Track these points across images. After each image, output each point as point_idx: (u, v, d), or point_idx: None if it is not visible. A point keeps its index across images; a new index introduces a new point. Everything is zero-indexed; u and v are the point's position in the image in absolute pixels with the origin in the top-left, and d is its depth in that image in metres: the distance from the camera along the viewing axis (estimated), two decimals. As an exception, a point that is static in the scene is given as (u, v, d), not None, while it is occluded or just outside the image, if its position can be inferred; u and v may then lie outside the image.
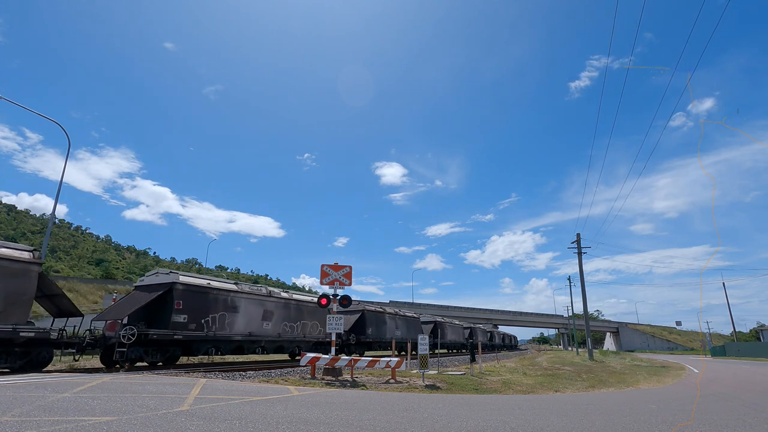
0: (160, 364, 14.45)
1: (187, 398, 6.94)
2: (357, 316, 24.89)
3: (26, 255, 12.22)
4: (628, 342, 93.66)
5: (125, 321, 13.57)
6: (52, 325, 13.20)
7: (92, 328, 13.79)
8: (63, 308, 14.22)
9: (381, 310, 28.08)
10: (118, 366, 13.10)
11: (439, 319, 38.79)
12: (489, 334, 53.32)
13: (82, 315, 14.24)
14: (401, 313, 30.85)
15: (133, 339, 12.69)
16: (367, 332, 24.70)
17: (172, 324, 13.87)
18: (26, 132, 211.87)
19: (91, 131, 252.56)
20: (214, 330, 15.28)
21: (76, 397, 6.50)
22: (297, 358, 20.56)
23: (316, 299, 21.17)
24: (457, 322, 44.00)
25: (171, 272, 14.78)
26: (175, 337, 13.91)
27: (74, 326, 13.54)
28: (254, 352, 17.54)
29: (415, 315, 33.67)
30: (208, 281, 15.89)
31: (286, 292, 19.84)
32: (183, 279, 14.65)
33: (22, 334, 11.32)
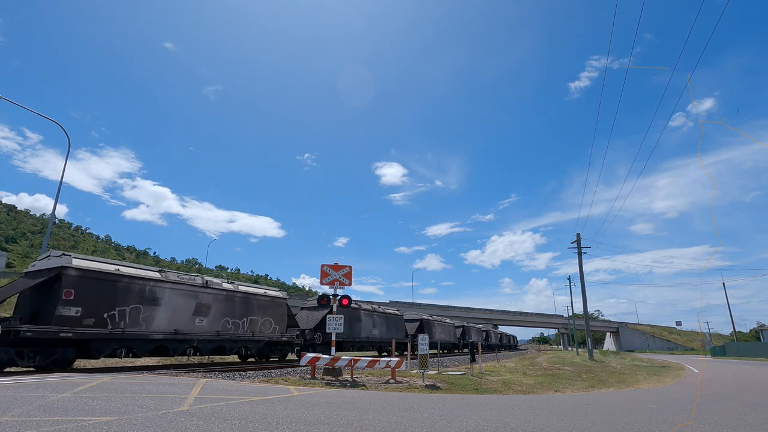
0: (47, 369, 11.82)
1: (187, 398, 6.94)
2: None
3: None
4: (628, 342, 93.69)
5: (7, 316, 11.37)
6: None
7: None
8: None
9: (355, 306, 25.00)
10: None
11: (425, 317, 36.16)
12: (485, 333, 52.41)
13: None
14: (380, 309, 28.33)
15: None
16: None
17: (57, 318, 11.26)
18: (26, 132, 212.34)
19: (91, 131, 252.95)
20: (123, 326, 12.72)
21: (76, 397, 6.50)
22: (250, 360, 18.41)
23: (270, 292, 18.87)
24: (447, 321, 41.93)
25: (63, 254, 12.21)
26: (63, 334, 11.28)
27: None
28: (184, 353, 15.04)
29: (397, 312, 31.02)
30: (117, 266, 13.38)
31: (230, 283, 17.24)
32: (77, 263, 12.08)
33: None
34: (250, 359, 18.43)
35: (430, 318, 37.52)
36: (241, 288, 17.41)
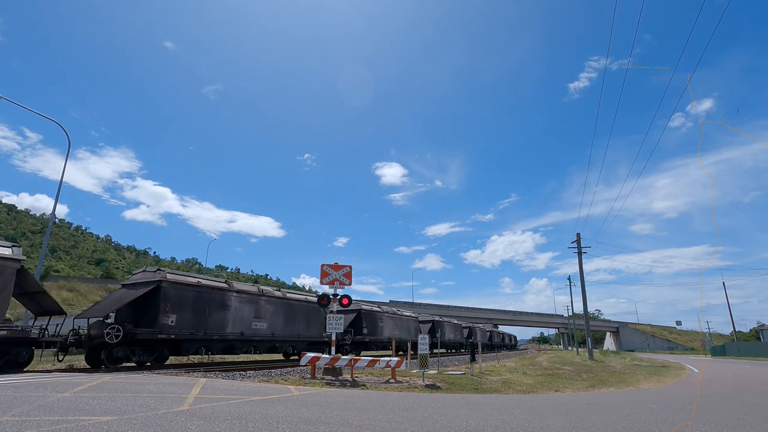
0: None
1: (187, 398, 6.94)
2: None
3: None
4: (628, 342, 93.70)
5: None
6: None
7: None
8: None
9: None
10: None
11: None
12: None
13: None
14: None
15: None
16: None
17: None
18: (26, 131, 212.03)
19: (91, 131, 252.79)
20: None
21: (76, 396, 6.50)
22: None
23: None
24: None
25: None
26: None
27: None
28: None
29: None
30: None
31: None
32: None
33: None
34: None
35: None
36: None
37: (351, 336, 23.32)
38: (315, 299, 21.48)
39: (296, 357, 20.18)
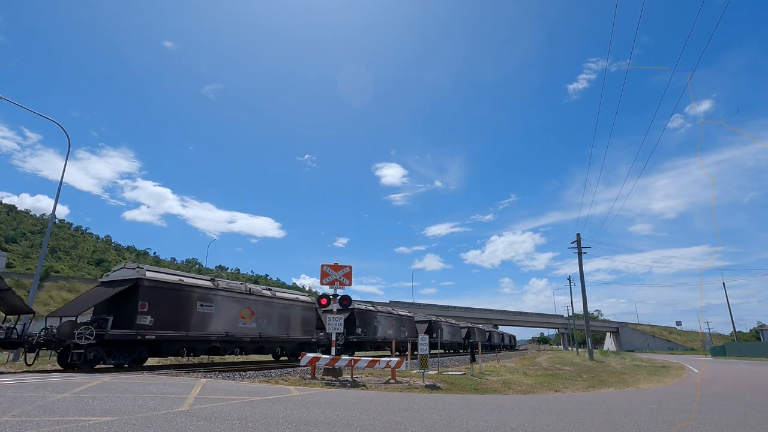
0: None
1: (187, 398, 6.95)
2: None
3: None
4: (628, 342, 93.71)
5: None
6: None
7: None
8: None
9: (372, 308, 26.95)
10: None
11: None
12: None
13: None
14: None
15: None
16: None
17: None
18: (25, 131, 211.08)
19: (91, 130, 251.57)
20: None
21: (76, 397, 6.50)
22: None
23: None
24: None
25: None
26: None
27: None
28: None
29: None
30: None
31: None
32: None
33: None
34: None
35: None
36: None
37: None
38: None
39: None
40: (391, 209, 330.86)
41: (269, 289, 19.14)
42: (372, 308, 27.03)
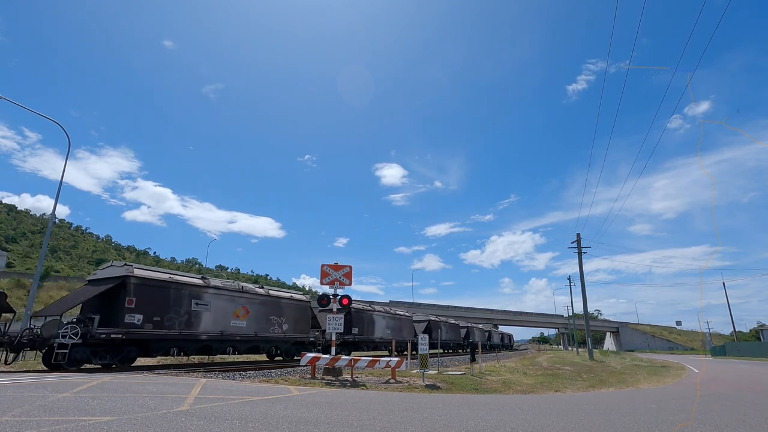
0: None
1: (187, 398, 6.95)
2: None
3: None
4: (628, 342, 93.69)
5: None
6: None
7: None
8: None
9: (369, 308, 26.67)
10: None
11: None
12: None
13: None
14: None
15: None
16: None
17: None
18: (25, 131, 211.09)
19: (90, 130, 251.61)
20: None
21: (76, 397, 6.50)
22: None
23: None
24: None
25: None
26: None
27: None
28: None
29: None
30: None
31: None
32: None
33: None
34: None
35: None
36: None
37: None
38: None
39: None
40: (391, 209, 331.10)
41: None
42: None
